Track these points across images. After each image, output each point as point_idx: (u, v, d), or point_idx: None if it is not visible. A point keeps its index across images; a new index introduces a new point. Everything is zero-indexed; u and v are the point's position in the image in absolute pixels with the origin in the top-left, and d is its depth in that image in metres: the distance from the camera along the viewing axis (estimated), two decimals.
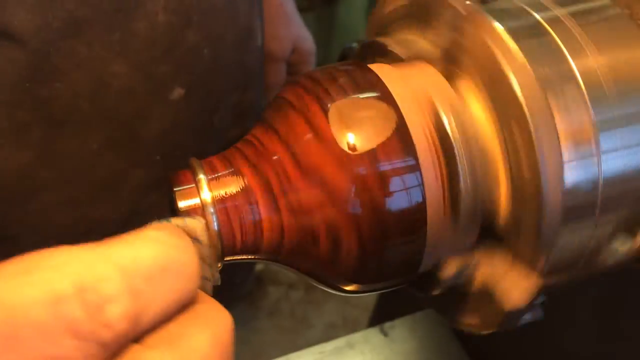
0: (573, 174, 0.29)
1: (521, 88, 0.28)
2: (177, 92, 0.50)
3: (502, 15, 0.31)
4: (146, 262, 0.23)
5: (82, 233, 0.50)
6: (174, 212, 0.30)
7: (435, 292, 0.33)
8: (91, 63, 0.44)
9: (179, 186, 0.30)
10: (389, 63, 0.33)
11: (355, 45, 0.59)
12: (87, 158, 0.47)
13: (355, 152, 0.29)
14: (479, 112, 0.30)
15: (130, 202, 0.52)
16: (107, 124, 0.47)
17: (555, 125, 0.28)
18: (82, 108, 0.45)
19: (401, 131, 0.30)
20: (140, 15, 0.45)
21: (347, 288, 0.32)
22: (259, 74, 0.62)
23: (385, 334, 0.68)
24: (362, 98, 0.31)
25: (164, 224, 0.26)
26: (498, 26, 0.29)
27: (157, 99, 0.49)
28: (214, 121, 0.56)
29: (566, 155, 0.29)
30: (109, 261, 0.22)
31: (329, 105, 0.30)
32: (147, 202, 0.54)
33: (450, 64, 0.31)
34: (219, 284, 0.29)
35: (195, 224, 0.28)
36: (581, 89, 0.30)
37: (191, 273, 0.24)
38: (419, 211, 0.29)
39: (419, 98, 0.30)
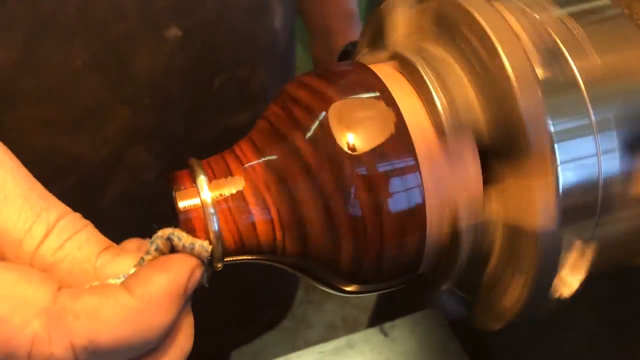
0: (571, 175, 0.29)
1: (520, 90, 0.28)
2: (173, 32, 0.46)
3: None
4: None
5: (57, 168, 0.47)
6: (174, 212, 0.30)
7: (446, 285, 0.32)
8: None
9: (179, 186, 0.30)
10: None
11: (355, 45, 0.59)
12: (71, 75, 0.44)
13: (355, 153, 0.29)
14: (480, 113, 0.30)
15: (113, 144, 0.49)
16: (93, 40, 0.44)
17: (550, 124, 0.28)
18: (68, 13, 0.42)
19: (401, 131, 0.30)
20: None
21: (347, 288, 0.32)
22: (274, 57, 0.58)
23: (385, 334, 0.68)
24: (362, 98, 0.31)
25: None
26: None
27: (150, 30, 0.46)
28: (214, 84, 0.53)
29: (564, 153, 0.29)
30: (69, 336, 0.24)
31: (311, 127, 0.30)
32: (130, 154, 0.50)
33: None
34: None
35: (202, 251, 0.28)
36: (581, 89, 0.30)
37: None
38: (418, 211, 0.29)
39: (420, 98, 0.30)
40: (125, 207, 0.53)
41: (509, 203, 0.29)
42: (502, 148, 0.29)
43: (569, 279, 0.30)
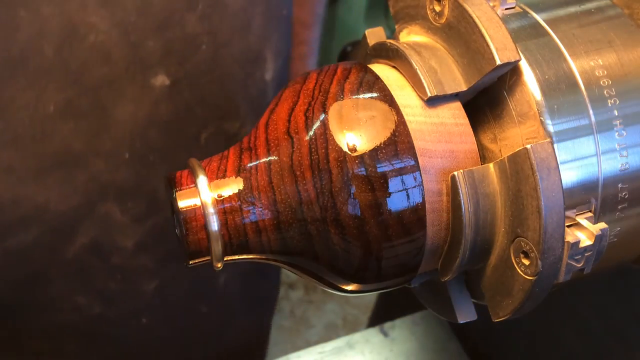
0: (571, 176, 0.29)
1: (544, 198, 0.28)
2: (161, 79, 0.44)
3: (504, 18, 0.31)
4: None
5: (19, 219, 0.42)
6: (174, 212, 0.30)
7: (453, 274, 0.32)
8: (66, 2, 0.38)
9: (179, 187, 0.30)
10: (414, 88, 0.32)
11: (355, 45, 0.59)
12: (41, 121, 0.40)
13: (355, 153, 0.29)
14: (495, 177, 0.30)
15: (83, 195, 0.45)
16: (69, 84, 0.40)
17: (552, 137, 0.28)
18: (45, 52, 0.39)
19: (401, 131, 0.30)
20: None
21: (347, 288, 0.32)
22: (264, 109, 0.57)
23: (385, 334, 0.68)
24: (362, 98, 0.31)
25: None
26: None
27: (135, 76, 0.43)
28: (200, 138, 0.49)
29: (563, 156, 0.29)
30: None
31: (311, 127, 0.30)
32: (102, 207, 0.46)
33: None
34: None
35: None
36: (581, 89, 0.30)
37: None
38: (418, 214, 0.29)
39: (438, 142, 0.30)
40: (94, 256, 0.49)
41: (507, 167, 0.29)
42: (487, 105, 0.30)
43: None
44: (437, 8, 0.31)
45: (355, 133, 0.29)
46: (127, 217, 0.47)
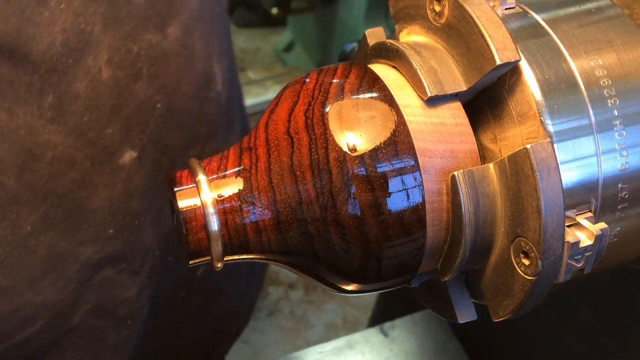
0: (571, 176, 0.29)
1: (544, 198, 0.28)
2: (128, 155, 0.44)
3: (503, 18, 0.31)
4: None
5: (22, 320, 0.43)
6: (174, 211, 0.30)
7: (453, 274, 0.32)
8: (14, 133, 0.38)
9: (179, 186, 0.30)
10: (414, 88, 0.32)
11: (355, 45, 0.59)
12: (22, 242, 0.41)
13: (355, 153, 0.29)
14: (495, 177, 0.30)
15: (78, 280, 0.45)
16: (41, 201, 0.40)
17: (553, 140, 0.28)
18: (7, 184, 0.39)
19: (401, 131, 0.30)
20: (80, 73, 0.39)
21: (348, 287, 0.32)
22: (222, 123, 0.56)
23: (385, 334, 0.68)
24: (362, 98, 0.31)
25: None
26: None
27: (103, 166, 0.43)
28: None
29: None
30: None
31: (311, 127, 0.30)
32: (99, 277, 0.47)
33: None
34: None
35: None
36: (581, 89, 0.30)
37: None
38: (418, 213, 0.29)
39: (438, 142, 0.30)
40: (101, 318, 0.49)
41: (507, 167, 0.29)
42: (487, 104, 0.30)
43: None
44: (437, 8, 0.31)
45: (355, 133, 0.29)
46: (124, 275, 0.49)
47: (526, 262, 0.29)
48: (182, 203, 0.30)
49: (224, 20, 0.56)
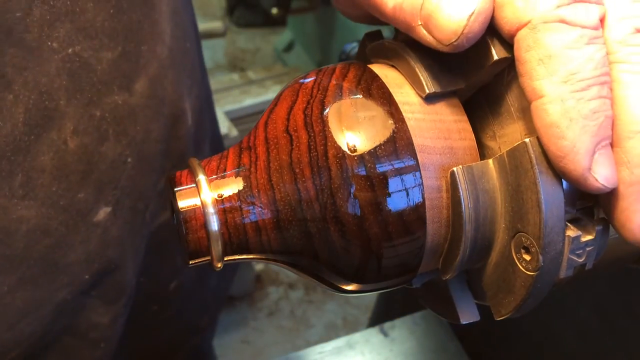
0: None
1: (544, 192, 0.28)
2: (103, 212, 0.44)
3: None
4: None
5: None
6: (174, 211, 0.30)
7: (454, 272, 0.32)
8: None
9: (179, 186, 0.30)
10: (412, 86, 0.32)
11: (355, 45, 0.59)
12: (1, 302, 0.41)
13: (355, 153, 0.29)
14: (494, 172, 0.30)
15: (53, 314, 0.45)
16: (17, 267, 0.40)
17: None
18: None
19: (401, 131, 0.30)
20: (45, 147, 0.38)
21: (347, 288, 0.32)
22: (190, 151, 0.55)
23: (385, 334, 0.68)
24: (362, 98, 0.31)
25: None
26: None
27: (78, 226, 0.43)
28: (145, 218, 0.50)
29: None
30: None
31: (311, 127, 0.30)
32: (83, 318, 0.47)
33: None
34: None
35: None
36: None
37: None
38: (418, 211, 0.29)
39: (437, 138, 0.30)
40: (74, 339, 0.50)
41: (506, 160, 0.29)
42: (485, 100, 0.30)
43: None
44: None
45: (355, 133, 0.29)
46: (97, 301, 0.49)
47: (527, 257, 0.28)
48: (182, 203, 0.30)
49: (195, 52, 0.54)
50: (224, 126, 1.53)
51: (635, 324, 0.47)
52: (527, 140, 0.27)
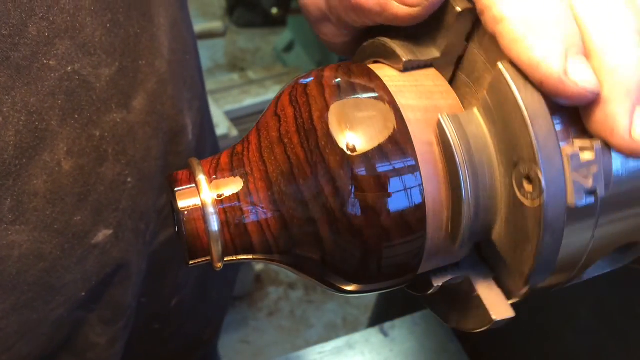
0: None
1: (527, 108, 0.27)
2: (102, 235, 0.42)
3: None
4: None
5: None
6: (174, 211, 0.30)
7: (431, 292, 0.32)
8: None
9: (179, 186, 0.30)
10: (390, 64, 0.33)
11: None
12: None
13: (355, 153, 0.29)
14: (481, 119, 0.29)
15: (52, 330, 0.44)
16: (10, 293, 0.40)
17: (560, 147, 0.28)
18: None
19: (401, 131, 0.30)
20: (38, 170, 0.37)
21: (347, 288, 0.32)
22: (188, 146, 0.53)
23: (385, 334, 0.68)
24: (362, 98, 0.31)
25: None
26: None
27: (75, 249, 0.41)
28: (146, 236, 0.49)
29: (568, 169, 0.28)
30: None
31: (310, 127, 0.30)
32: (81, 337, 0.47)
33: (456, 70, 0.31)
34: None
35: None
36: None
37: None
38: (418, 211, 0.29)
39: (420, 98, 0.30)
40: (71, 357, 0.49)
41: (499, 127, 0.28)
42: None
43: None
44: None
45: (355, 133, 0.29)
46: (94, 316, 0.48)
47: (530, 188, 0.27)
48: (182, 203, 0.30)
49: (194, 63, 0.53)
50: (224, 126, 1.53)
51: (635, 324, 0.47)
52: (499, 64, 0.28)
